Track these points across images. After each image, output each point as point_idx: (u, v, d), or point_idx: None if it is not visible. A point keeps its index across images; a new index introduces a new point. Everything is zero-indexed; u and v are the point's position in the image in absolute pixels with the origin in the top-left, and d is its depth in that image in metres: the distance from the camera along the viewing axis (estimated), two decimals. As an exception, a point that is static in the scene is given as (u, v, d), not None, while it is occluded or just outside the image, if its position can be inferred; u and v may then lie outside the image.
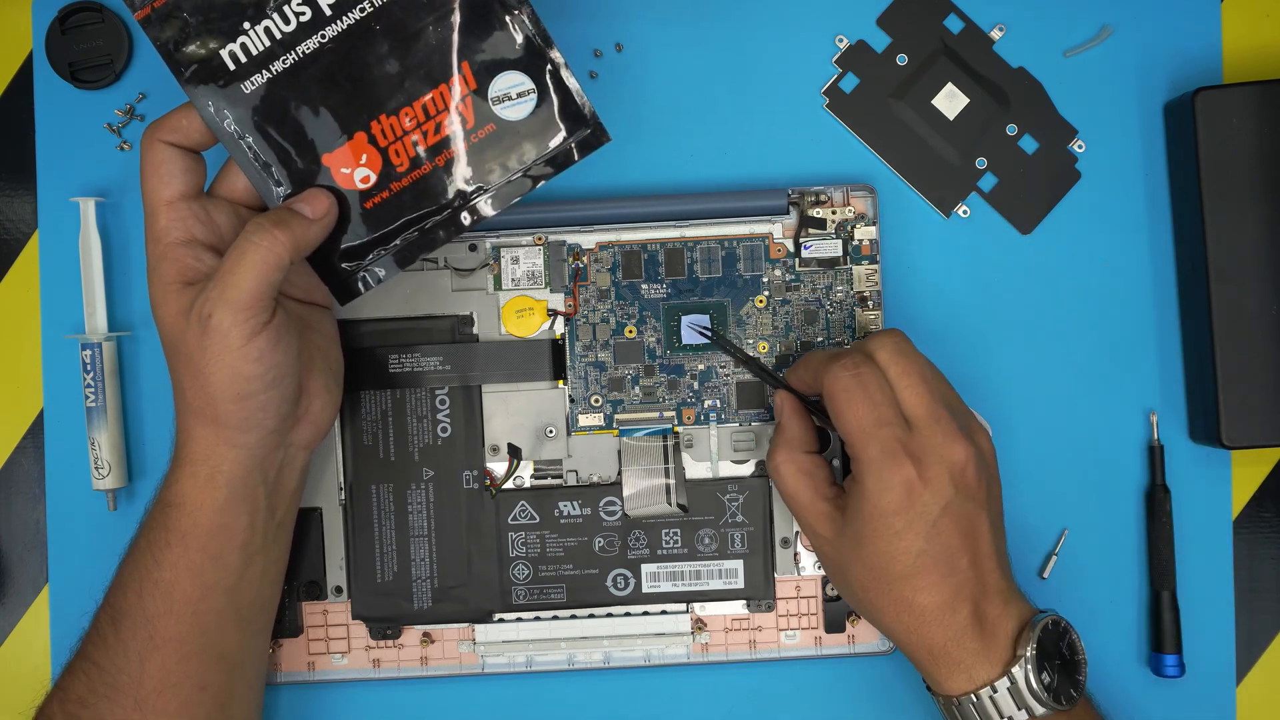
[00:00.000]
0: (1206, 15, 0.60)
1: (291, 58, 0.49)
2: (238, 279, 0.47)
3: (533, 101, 0.50)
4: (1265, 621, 0.60)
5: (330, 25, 0.48)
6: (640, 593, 0.58)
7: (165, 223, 0.49)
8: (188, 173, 0.50)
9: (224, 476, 0.50)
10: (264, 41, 0.49)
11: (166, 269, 0.49)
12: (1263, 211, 0.56)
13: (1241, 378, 0.56)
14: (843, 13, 0.60)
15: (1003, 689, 0.49)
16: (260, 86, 0.49)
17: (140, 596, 0.50)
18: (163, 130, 0.49)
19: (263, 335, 0.48)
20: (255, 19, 0.48)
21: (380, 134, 0.50)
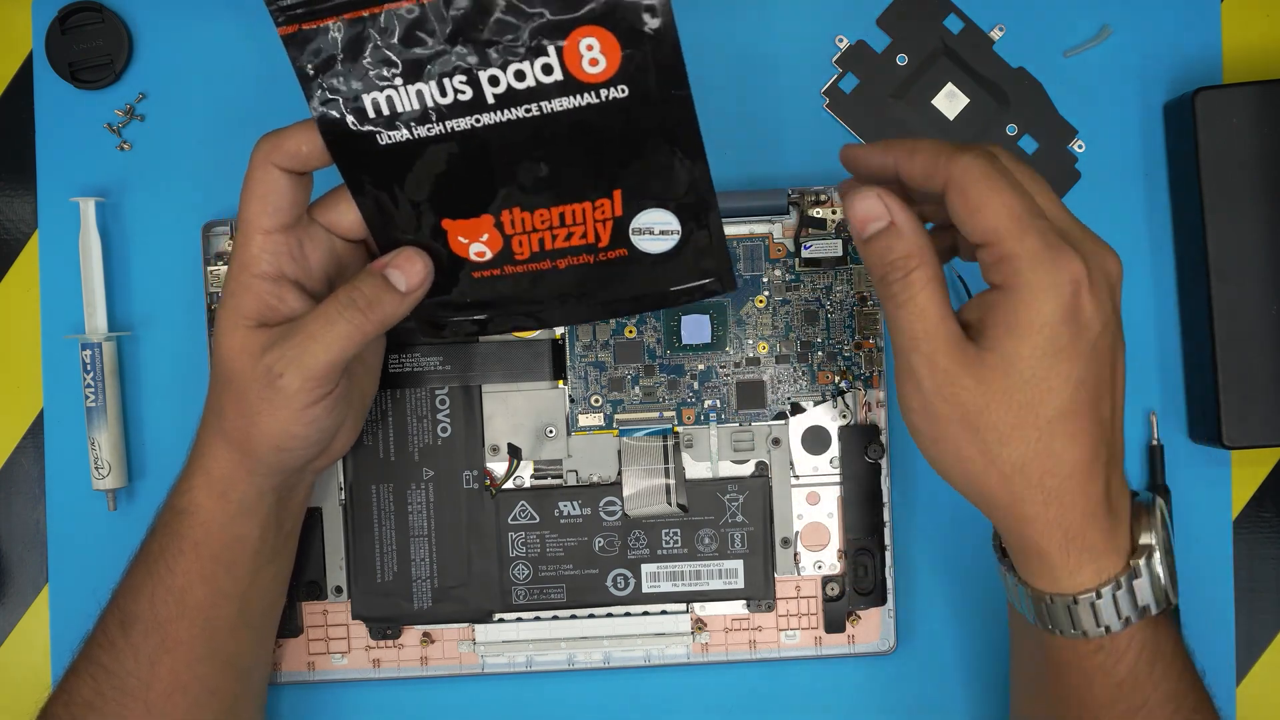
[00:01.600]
0: (1206, 15, 0.60)
1: (438, 129, 0.45)
2: (317, 350, 0.46)
3: (673, 243, 0.48)
4: (1265, 621, 0.60)
5: (489, 114, 0.45)
6: (640, 593, 0.58)
7: (257, 252, 0.47)
8: (294, 205, 0.47)
9: (238, 494, 0.50)
10: (413, 104, 0.45)
11: (247, 302, 0.47)
12: (1263, 211, 0.56)
13: (1241, 378, 0.56)
14: (843, 13, 0.60)
15: (1129, 584, 0.43)
16: (397, 143, 0.46)
17: (152, 602, 0.50)
18: (277, 153, 0.46)
19: (323, 404, 0.48)
20: (409, 79, 0.44)
21: (509, 224, 0.48)
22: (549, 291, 0.49)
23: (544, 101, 0.44)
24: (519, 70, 0.44)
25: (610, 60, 0.43)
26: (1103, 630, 0.44)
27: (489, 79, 0.44)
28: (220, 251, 0.58)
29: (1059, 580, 0.43)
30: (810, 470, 0.58)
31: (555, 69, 0.43)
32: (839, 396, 0.58)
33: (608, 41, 0.43)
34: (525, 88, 0.44)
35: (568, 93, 0.44)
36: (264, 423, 0.47)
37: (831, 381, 0.58)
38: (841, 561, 0.58)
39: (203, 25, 0.60)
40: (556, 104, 0.44)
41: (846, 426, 0.58)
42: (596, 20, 0.42)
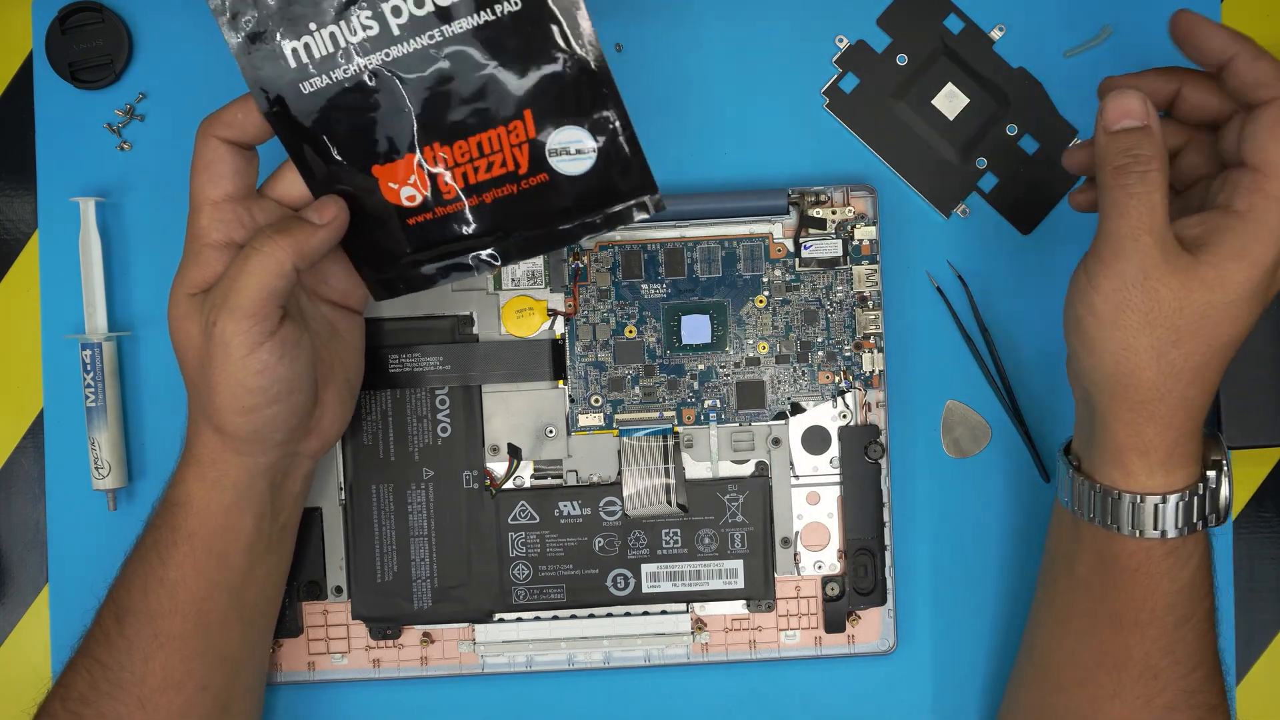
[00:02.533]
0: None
1: (353, 68, 0.48)
2: (241, 285, 0.46)
3: (590, 161, 0.49)
4: (1265, 621, 0.60)
5: (396, 45, 0.47)
6: (640, 593, 0.58)
7: (206, 222, 0.48)
8: (239, 173, 0.48)
9: (230, 480, 0.50)
10: (327, 46, 0.47)
11: (194, 272, 0.48)
12: (1263, 211, 0.56)
13: (1241, 378, 0.56)
14: (843, 13, 0.60)
15: (1206, 492, 0.47)
16: (318, 91, 0.48)
17: (145, 594, 0.50)
18: (217, 125, 0.48)
19: (266, 347, 0.47)
20: (321, 22, 0.47)
21: (431, 159, 0.49)
22: (483, 228, 0.50)
23: (444, 25, 0.47)
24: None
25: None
26: (1181, 530, 0.47)
27: (391, 9, 0.47)
28: (220, 251, 0.58)
29: (1154, 479, 0.47)
30: (810, 470, 0.58)
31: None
32: (839, 396, 0.58)
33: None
34: (426, 13, 0.47)
35: (465, 13, 0.46)
36: (218, 384, 0.47)
37: (831, 381, 0.58)
38: (841, 561, 0.58)
39: (203, 25, 0.60)
40: (456, 26, 0.47)
41: (846, 426, 0.58)
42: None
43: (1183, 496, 0.47)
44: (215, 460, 0.50)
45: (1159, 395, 0.46)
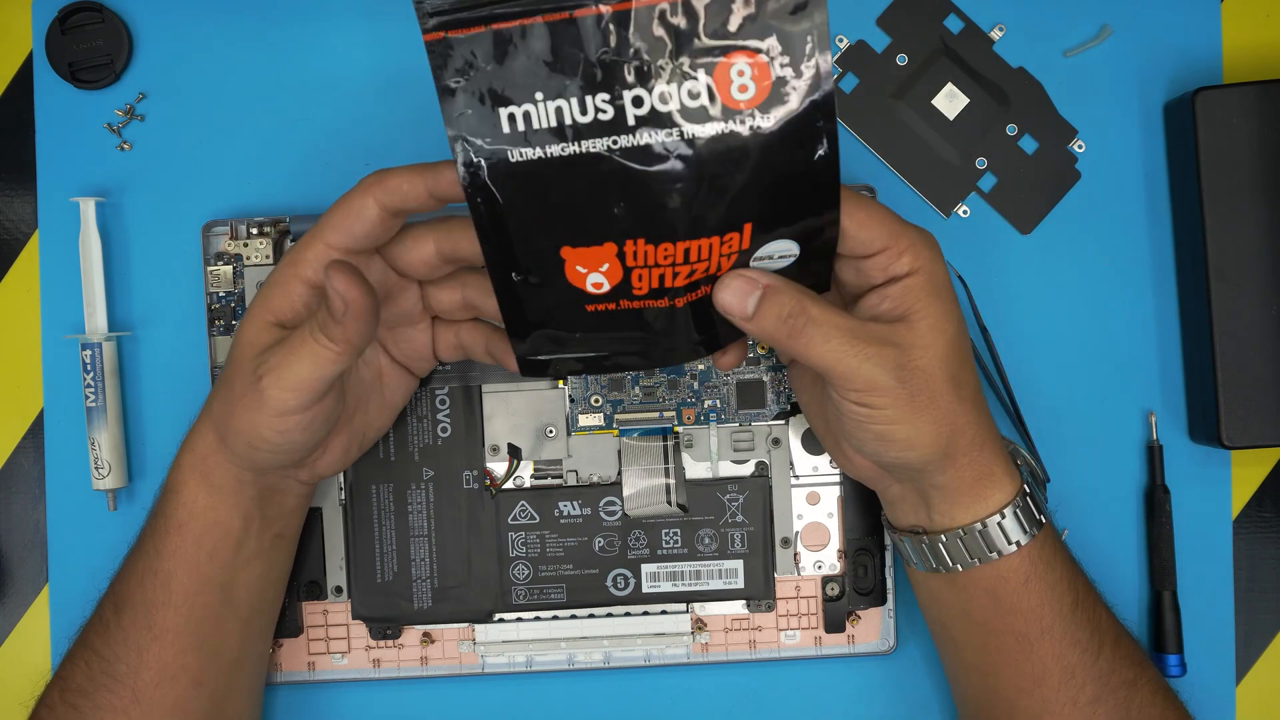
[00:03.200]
0: (1206, 15, 0.60)
1: (572, 148, 0.43)
2: (295, 365, 0.46)
3: (788, 263, 0.47)
4: (1265, 621, 0.60)
5: (627, 135, 0.42)
6: (640, 593, 0.58)
7: (312, 257, 0.47)
8: (369, 239, 0.47)
9: (218, 479, 0.50)
10: (550, 120, 0.42)
11: (277, 298, 0.48)
12: (1263, 211, 0.56)
13: (1241, 378, 0.56)
14: (843, 13, 0.60)
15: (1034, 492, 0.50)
16: (527, 161, 0.43)
17: (141, 585, 0.51)
18: (380, 188, 0.46)
19: (294, 419, 0.47)
20: (550, 95, 0.42)
21: (631, 255, 0.45)
22: (660, 329, 0.48)
23: (686, 125, 0.42)
24: (664, 93, 0.42)
25: (759, 86, 0.42)
26: (1043, 519, 0.50)
27: (633, 99, 0.42)
28: (220, 251, 0.58)
29: (1005, 490, 0.49)
30: (810, 470, 0.58)
31: (702, 93, 0.42)
32: (839, 396, 0.58)
33: (760, 68, 0.42)
34: (668, 111, 0.42)
35: (711, 119, 0.42)
36: (239, 416, 0.48)
37: (831, 381, 0.58)
38: (841, 561, 0.58)
39: (203, 25, 0.60)
40: (699, 130, 0.42)
41: (846, 426, 0.58)
42: (752, 47, 0.41)
43: (1024, 493, 0.50)
44: (207, 455, 0.50)
45: (976, 423, 0.48)
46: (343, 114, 0.60)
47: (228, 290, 0.58)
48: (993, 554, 0.49)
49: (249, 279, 0.58)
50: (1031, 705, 0.50)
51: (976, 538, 0.49)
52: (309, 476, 0.53)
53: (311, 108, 0.60)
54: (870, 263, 0.47)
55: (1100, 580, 0.57)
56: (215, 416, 0.49)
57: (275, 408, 0.47)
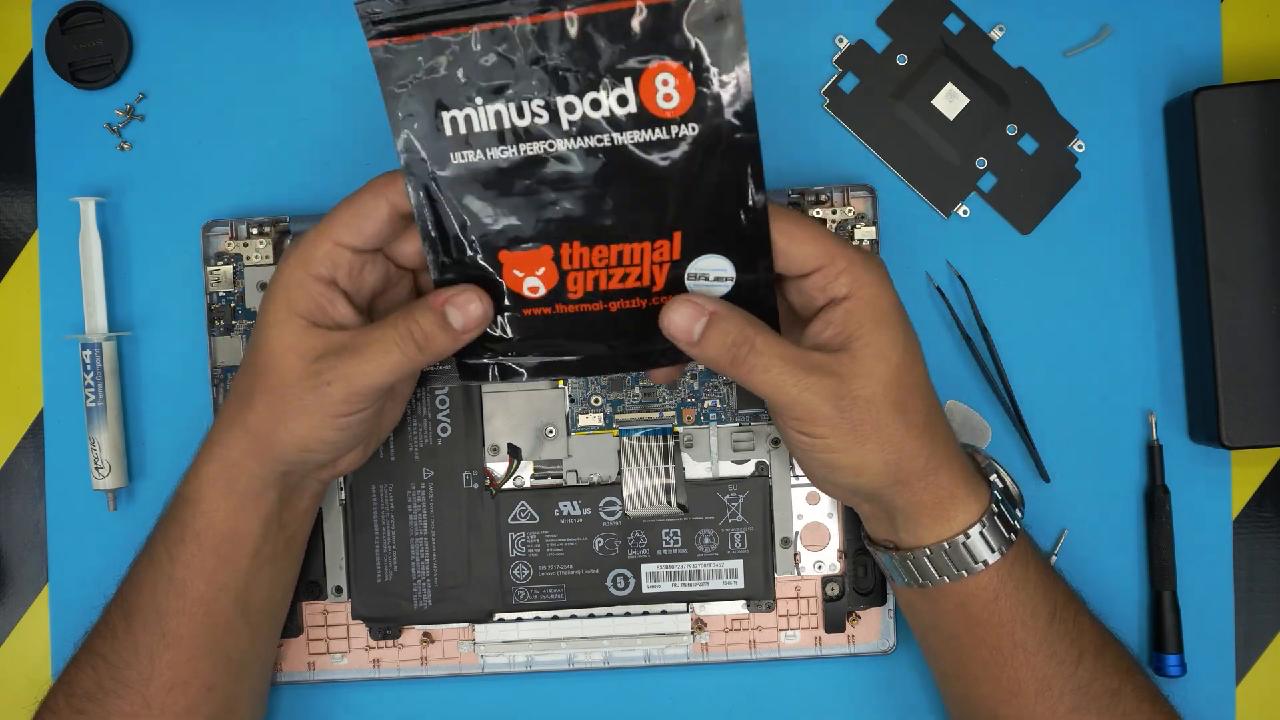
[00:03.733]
0: (1206, 15, 0.60)
1: (511, 151, 0.45)
2: (370, 371, 0.47)
3: (726, 289, 0.47)
4: (1265, 621, 0.60)
5: (562, 139, 0.45)
6: (640, 593, 0.58)
7: (321, 256, 0.48)
8: (378, 238, 0.48)
9: (242, 485, 0.50)
10: (489, 124, 0.45)
11: (300, 299, 0.48)
12: (1263, 211, 0.56)
13: (1241, 378, 0.56)
14: (843, 13, 0.60)
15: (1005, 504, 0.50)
16: (468, 164, 0.46)
17: (154, 593, 0.50)
18: (393, 189, 0.47)
19: (358, 417, 0.49)
20: (489, 99, 0.45)
21: (567, 258, 0.47)
22: (596, 335, 0.49)
23: (616, 133, 0.45)
24: (595, 99, 0.44)
25: (684, 97, 0.44)
26: (1010, 538, 0.50)
27: (566, 105, 0.44)
28: (220, 251, 0.58)
29: (970, 510, 0.49)
30: (810, 470, 0.58)
31: (630, 101, 0.44)
32: (839, 396, 0.58)
33: (683, 79, 0.44)
34: (600, 117, 0.44)
35: (639, 126, 0.44)
36: (295, 423, 0.48)
37: (831, 381, 0.58)
38: (841, 561, 0.58)
39: (203, 25, 0.60)
40: (628, 136, 0.45)
41: (846, 426, 0.58)
42: (675, 57, 0.43)
43: (992, 512, 0.50)
44: (235, 462, 0.50)
45: (928, 449, 0.48)
46: (342, 114, 0.60)
47: (228, 290, 0.58)
48: (961, 572, 0.50)
49: (249, 279, 0.58)
50: (1010, 715, 0.51)
51: (943, 556, 0.50)
52: (329, 475, 0.53)
53: (311, 108, 0.60)
54: (808, 283, 0.48)
55: (1100, 580, 0.57)
56: (252, 426, 0.49)
57: (341, 411, 0.48)
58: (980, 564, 0.49)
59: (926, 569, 0.50)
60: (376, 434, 0.54)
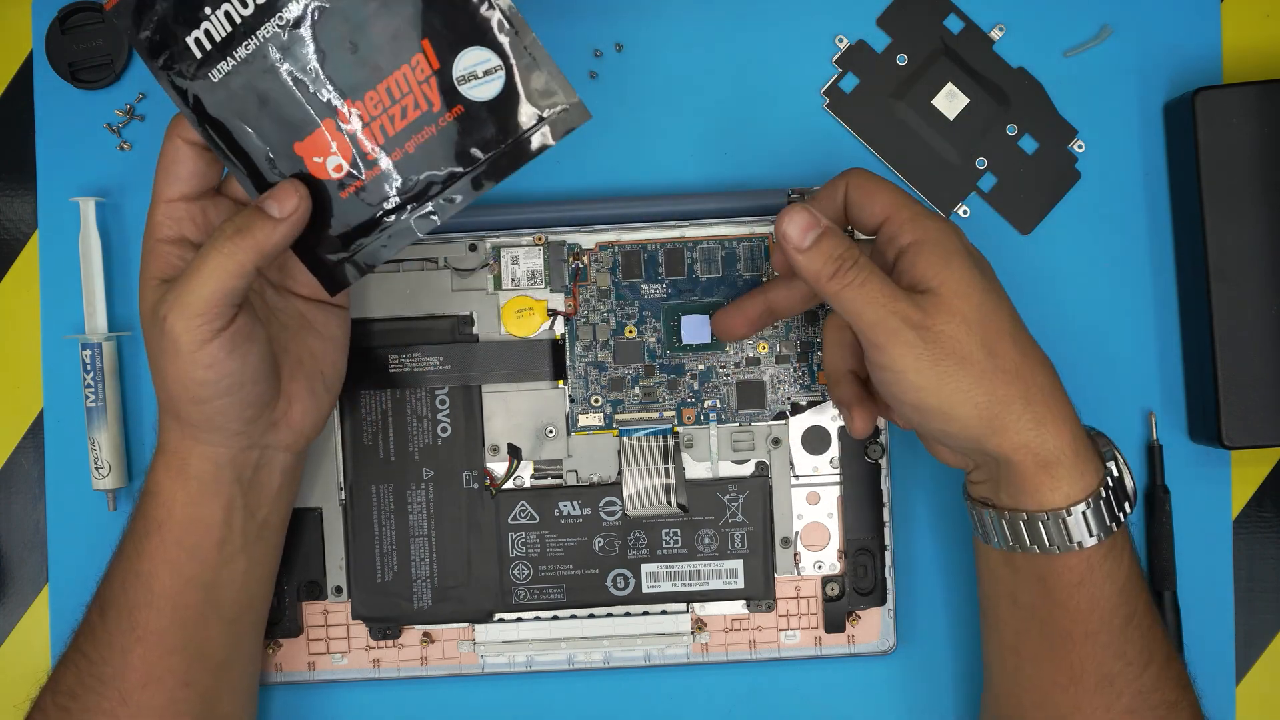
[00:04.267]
0: (1206, 15, 0.60)
1: (253, 43, 0.47)
2: (194, 285, 0.46)
3: (501, 79, 0.47)
4: (1265, 621, 0.60)
5: (288, 5, 0.46)
6: (640, 593, 0.58)
7: (160, 218, 0.49)
8: (197, 176, 0.49)
9: (193, 469, 0.50)
10: (224, 26, 0.47)
11: (151, 263, 0.49)
12: (1263, 211, 0.56)
13: (1241, 378, 0.56)
14: (843, 13, 0.60)
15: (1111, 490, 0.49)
16: (227, 75, 0.47)
17: (124, 587, 0.51)
18: (183, 126, 0.49)
19: (215, 343, 0.47)
20: (214, 3, 0.47)
21: (345, 118, 0.48)
22: (415, 181, 0.48)
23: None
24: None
25: None
26: (1110, 528, 0.48)
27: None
28: (220, 251, 0.58)
29: (1073, 487, 0.48)
30: (810, 470, 0.58)
31: None
32: (839, 396, 0.58)
33: None
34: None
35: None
36: (168, 375, 0.48)
37: (831, 381, 0.58)
38: (841, 561, 0.58)
39: (203, 25, 0.60)
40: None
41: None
42: None
43: (1099, 495, 0.48)
44: (178, 449, 0.50)
45: (1025, 394, 0.47)
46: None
47: (228, 290, 0.58)
48: (1052, 547, 0.48)
49: (249, 279, 0.58)
50: (1064, 701, 0.50)
51: (1039, 526, 0.48)
52: (288, 438, 0.52)
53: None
54: (880, 237, 0.49)
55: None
56: (161, 402, 0.50)
57: (189, 340, 0.46)
58: (1075, 544, 0.48)
59: (1020, 534, 0.49)
60: (311, 380, 0.52)
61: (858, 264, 0.47)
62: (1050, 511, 0.48)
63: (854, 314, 0.47)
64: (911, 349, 0.46)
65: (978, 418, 0.47)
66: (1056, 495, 0.48)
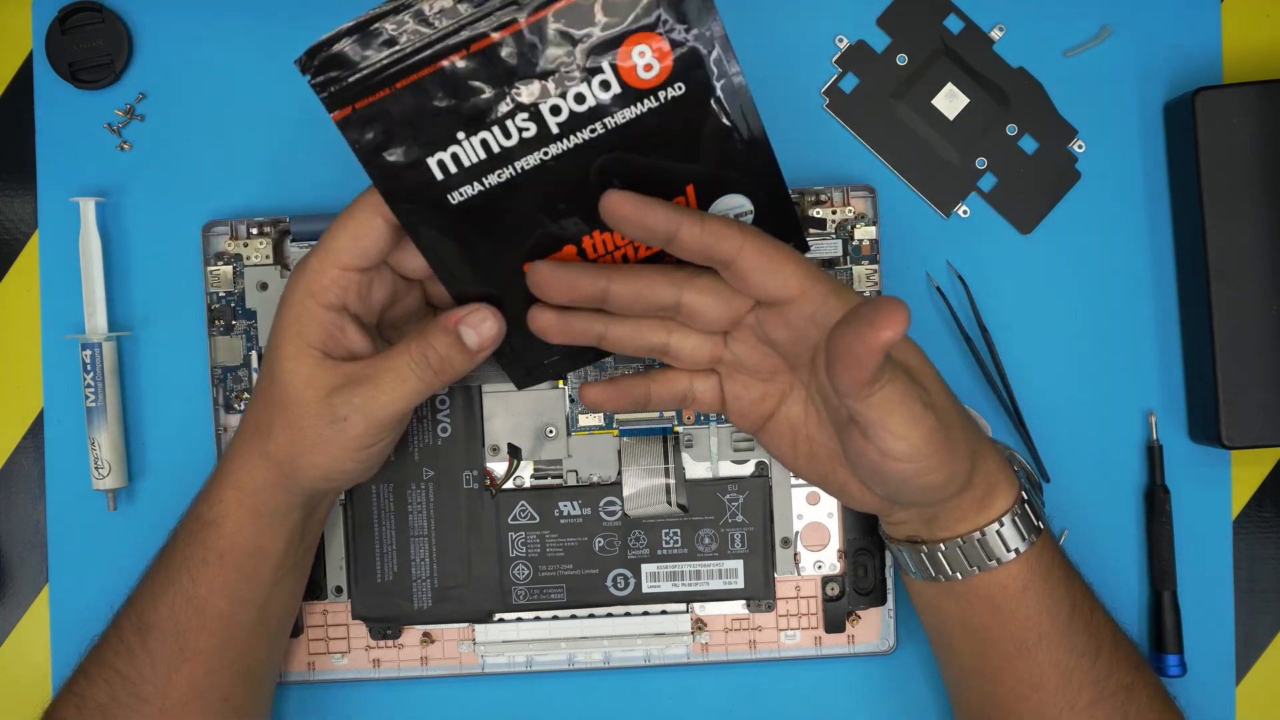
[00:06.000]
0: (1206, 15, 0.60)
1: (508, 172, 0.45)
2: (386, 402, 0.47)
3: (750, 218, 0.48)
4: (1265, 621, 0.60)
5: (555, 143, 0.45)
6: (640, 593, 0.58)
7: (328, 283, 0.47)
8: (381, 254, 0.48)
9: (270, 508, 0.50)
10: (479, 154, 0.45)
11: (312, 329, 0.48)
12: (1263, 211, 0.56)
13: (1241, 378, 0.56)
14: (843, 13, 0.60)
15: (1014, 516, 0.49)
16: (470, 197, 0.46)
17: (173, 610, 0.50)
18: (384, 203, 0.46)
19: (378, 447, 0.49)
20: (472, 130, 0.44)
21: (592, 248, 0.47)
22: None
23: (607, 118, 0.45)
24: (578, 94, 0.44)
25: (663, 63, 0.44)
26: (1042, 522, 0.50)
27: (550, 109, 0.44)
28: (220, 251, 0.58)
29: (1007, 496, 0.49)
30: (810, 470, 0.58)
31: (613, 84, 0.44)
32: (839, 396, 0.58)
33: (657, 46, 0.44)
34: (587, 109, 0.44)
35: (628, 103, 0.44)
36: (316, 456, 0.48)
37: (831, 381, 0.58)
38: (841, 561, 0.58)
39: (203, 25, 0.60)
40: (619, 116, 0.45)
41: (846, 426, 0.58)
42: (644, 28, 0.43)
43: (1023, 494, 0.50)
44: (259, 489, 0.50)
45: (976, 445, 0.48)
46: (343, 114, 0.60)
47: (228, 290, 0.58)
48: (992, 562, 0.49)
49: (249, 279, 0.58)
50: (1030, 710, 0.50)
51: (975, 546, 0.49)
52: (347, 486, 0.54)
53: (312, 108, 0.60)
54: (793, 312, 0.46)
55: (1100, 580, 0.57)
56: (274, 456, 0.49)
57: (361, 443, 0.48)
58: (1013, 552, 0.49)
59: (958, 560, 0.49)
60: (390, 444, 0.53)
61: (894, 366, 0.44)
62: (984, 529, 0.49)
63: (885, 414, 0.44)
64: (930, 432, 0.45)
65: (959, 472, 0.47)
66: (989, 513, 0.49)
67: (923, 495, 0.48)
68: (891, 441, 0.44)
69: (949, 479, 0.47)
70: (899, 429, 0.44)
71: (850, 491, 0.50)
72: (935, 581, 0.51)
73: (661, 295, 0.47)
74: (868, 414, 0.44)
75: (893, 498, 0.49)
